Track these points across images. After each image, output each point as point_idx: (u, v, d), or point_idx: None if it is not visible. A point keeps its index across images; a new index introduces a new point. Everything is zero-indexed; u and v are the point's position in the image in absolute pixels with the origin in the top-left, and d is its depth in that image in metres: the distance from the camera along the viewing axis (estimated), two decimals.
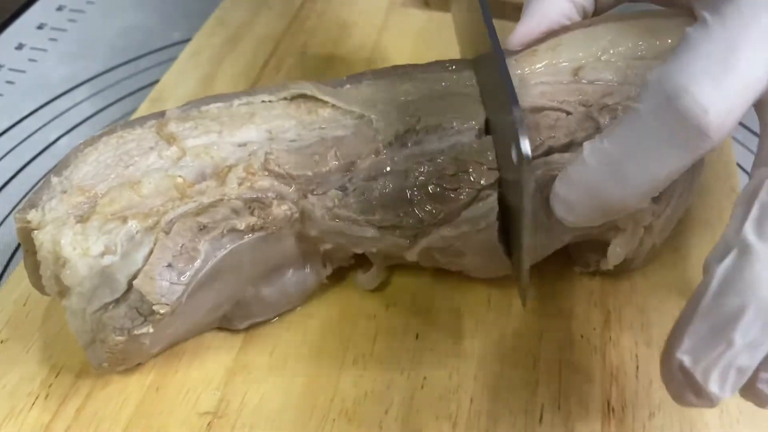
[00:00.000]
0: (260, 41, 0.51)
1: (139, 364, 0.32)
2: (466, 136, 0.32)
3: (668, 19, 0.33)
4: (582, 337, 0.34)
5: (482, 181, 0.30)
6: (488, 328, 0.34)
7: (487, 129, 0.32)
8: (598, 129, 0.31)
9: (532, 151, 0.29)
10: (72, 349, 0.33)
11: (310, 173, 0.31)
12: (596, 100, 0.32)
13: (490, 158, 0.30)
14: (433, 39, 0.51)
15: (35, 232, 0.28)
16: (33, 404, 0.31)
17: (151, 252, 0.28)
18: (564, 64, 0.33)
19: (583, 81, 0.32)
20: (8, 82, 0.52)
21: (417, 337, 0.34)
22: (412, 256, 0.32)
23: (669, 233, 0.35)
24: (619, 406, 0.31)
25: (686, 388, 0.24)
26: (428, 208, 0.31)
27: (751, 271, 0.23)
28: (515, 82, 0.33)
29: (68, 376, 0.32)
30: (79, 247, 0.28)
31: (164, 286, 0.27)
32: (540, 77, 0.33)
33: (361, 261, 0.35)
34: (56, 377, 0.32)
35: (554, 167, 0.30)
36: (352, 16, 0.53)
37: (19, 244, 0.41)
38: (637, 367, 0.32)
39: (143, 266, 0.27)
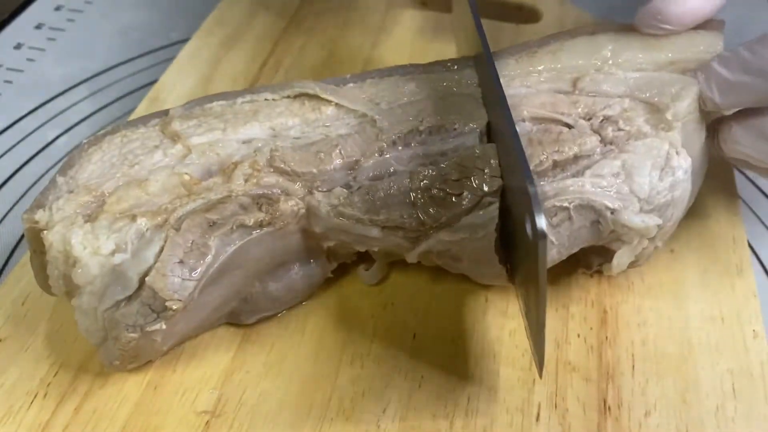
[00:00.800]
0: (258, 41, 0.51)
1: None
2: (468, 139, 0.32)
3: (677, 35, 0.34)
4: (579, 336, 0.34)
5: (485, 188, 0.30)
6: (485, 328, 0.34)
7: (489, 133, 0.33)
8: (602, 142, 0.31)
9: (537, 166, 0.31)
10: (70, 348, 0.33)
11: (314, 170, 0.31)
12: (596, 112, 0.32)
13: (494, 166, 0.31)
14: (430, 39, 0.51)
15: (45, 232, 0.29)
16: (32, 403, 0.32)
17: (161, 249, 0.28)
18: (563, 71, 0.34)
19: (583, 92, 0.33)
20: (6, 81, 0.52)
21: (414, 336, 0.34)
22: (412, 257, 0.32)
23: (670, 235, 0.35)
24: (615, 405, 0.31)
25: None
26: (431, 211, 0.31)
27: None
28: (515, 86, 0.33)
29: (67, 374, 0.32)
30: (89, 246, 0.28)
31: (176, 282, 0.28)
32: (540, 85, 0.33)
33: (364, 257, 0.35)
34: (54, 376, 0.32)
35: (568, 195, 0.30)
36: (350, 16, 0.53)
37: (17, 244, 0.42)
38: (633, 366, 0.33)
39: (155, 263, 0.28)
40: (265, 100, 0.34)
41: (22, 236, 0.42)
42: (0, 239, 0.42)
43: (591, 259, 0.35)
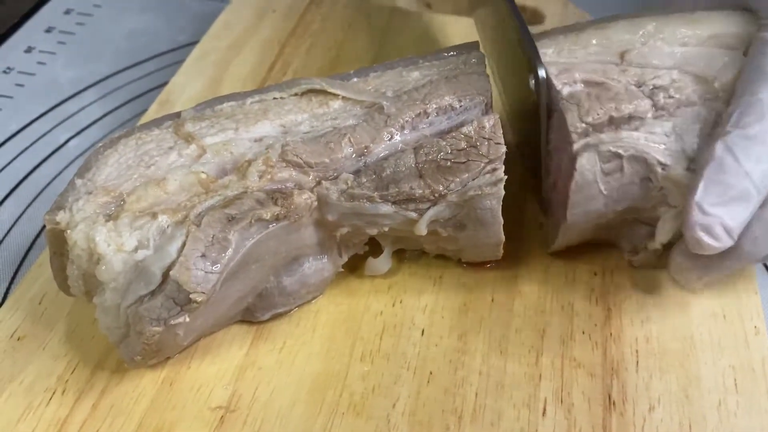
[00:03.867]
0: (266, 44, 0.52)
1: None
2: (473, 113, 0.34)
3: (710, 11, 0.36)
4: (584, 333, 0.35)
5: (490, 155, 0.32)
6: (492, 324, 0.35)
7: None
8: (654, 107, 0.33)
9: (594, 120, 0.32)
10: (87, 346, 0.34)
11: (327, 160, 0.32)
12: (646, 81, 0.33)
13: (498, 134, 0.32)
14: (435, 41, 0.52)
15: (68, 231, 0.30)
16: (50, 399, 0.32)
17: (184, 244, 0.29)
18: (610, 45, 0.35)
19: (632, 64, 0.34)
20: (18, 84, 0.53)
21: (423, 333, 0.35)
22: (421, 227, 0.33)
23: None
24: (620, 400, 0.32)
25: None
26: (439, 177, 0.32)
27: None
28: (564, 55, 0.35)
29: (84, 372, 0.33)
30: (113, 243, 0.29)
31: (200, 275, 0.29)
32: (589, 56, 0.35)
33: (373, 250, 0.36)
34: (72, 373, 0.33)
35: (623, 144, 0.32)
36: (356, 19, 0.54)
37: (32, 244, 0.43)
38: (638, 362, 0.33)
39: (178, 258, 0.29)
40: (274, 98, 0.35)
41: (37, 237, 0.43)
42: (15, 240, 0.43)
43: (635, 237, 0.36)
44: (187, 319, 0.29)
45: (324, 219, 0.32)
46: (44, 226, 0.42)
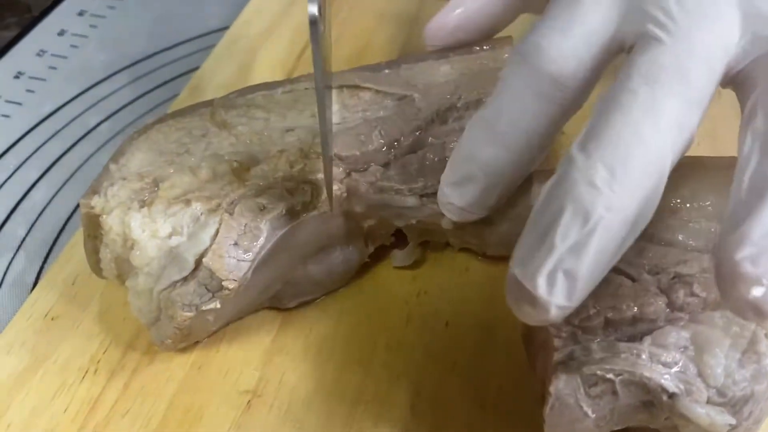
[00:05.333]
0: (295, 31, 0.52)
1: None
2: None
3: None
4: None
5: None
6: (517, 318, 0.35)
7: None
8: (669, 305, 0.26)
9: (584, 321, 0.26)
10: (119, 327, 0.35)
11: (357, 153, 0.32)
12: (667, 267, 0.26)
13: None
14: None
15: (104, 216, 0.30)
16: (83, 378, 0.33)
17: (217, 232, 0.29)
18: None
19: (654, 239, 0.27)
20: (51, 67, 0.54)
21: (447, 324, 0.35)
22: (447, 222, 0.33)
23: None
24: None
25: (521, 299, 0.24)
26: None
27: (569, 178, 0.24)
28: None
29: (115, 352, 0.34)
30: (147, 230, 0.29)
31: (232, 263, 0.29)
32: None
33: (398, 241, 0.37)
34: (104, 353, 0.34)
35: (615, 366, 0.25)
36: (386, 8, 0.54)
37: (64, 225, 0.43)
38: None
39: (211, 245, 0.29)
40: (305, 89, 0.35)
41: (69, 218, 0.44)
42: (48, 221, 0.44)
43: None
44: (219, 306, 0.30)
45: (352, 210, 0.33)
46: (76, 207, 0.43)
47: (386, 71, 0.36)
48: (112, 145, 0.48)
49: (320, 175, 0.32)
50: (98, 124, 0.50)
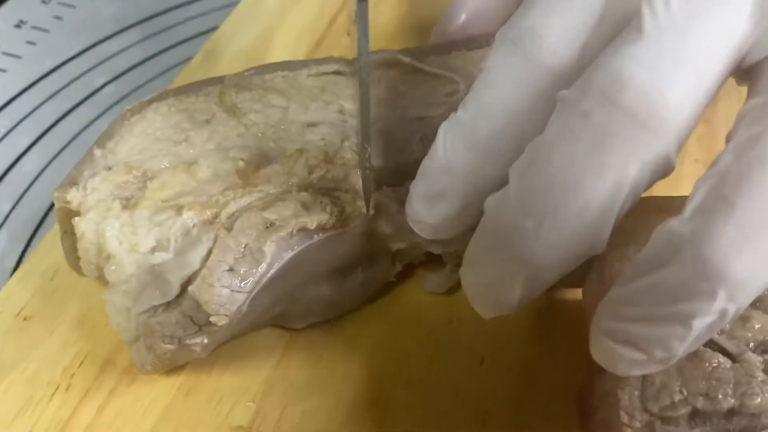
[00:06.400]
0: None
1: None
2: None
3: None
4: None
5: None
6: (562, 359, 0.30)
7: None
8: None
9: (666, 410, 0.20)
10: (99, 336, 0.30)
11: (393, 164, 0.26)
12: None
13: None
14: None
15: (76, 219, 0.25)
16: (53, 395, 0.29)
17: (209, 252, 0.24)
18: None
19: (762, 305, 0.22)
20: (56, 17, 0.48)
21: (482, 362, 0.30)
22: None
23: None
24: None
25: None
26: None
27: (499, 209, 0.22)
28: None
29: (93, 366, 0.29)
30: (126, 242, 0.24)
31: (224, 294, 0.24)
32: None
33: (431, 258, 0.31)
34: (80, 367, 0.29)
35: None
36: None
37: (52, 204, 0.38)
38: None
39: (200, 269, 0.24)
40: (334, 73, 0.29)
41: None
42: (37, 194, 0.39)
43: None
44: (206, 341, 0.24)
45: (379, 231, 0.27)
46: None
47: (431, 58, 0.30)
48: (116, 111, 0.43)
49: (345, 187, 0.26)
50: (103, 86, 0.45)
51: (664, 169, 0.21)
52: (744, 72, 0.21)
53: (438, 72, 0.29)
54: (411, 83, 0.29)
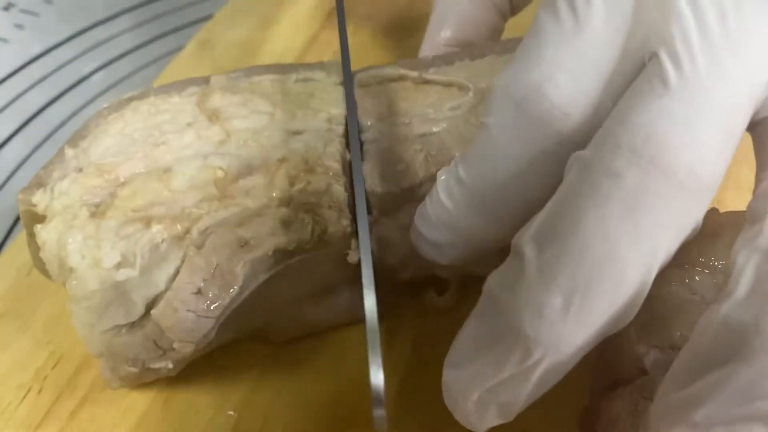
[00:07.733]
0: None
1: None
2: None
3: None
4: None
5: None
6: (567, 377, 0.28)
7: None
8: None
9: None
10: (74, 337, 0.28)
11: (396, 190, 0.24)
12: None
13: None
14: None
15: (38, 227, 0.23)
16: (23, 398, 0.27)
17: (177, 271, 0.22)
18: None
19: None
20: (46, 0, 0.47)
21: None
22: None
23: None
24: None
25: (455, 408, 0.21)
26: None
27: (513, 291, 0.19)
28: None
29: (66, 368, 0.28)
30: (89, 256, 0.22)
31: (189, 319, 0.22)
32: None
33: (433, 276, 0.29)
34: (53, 368, 0.28)
35: None
36: None
37: None
38: None
39: (165, 291, 0.22)
40: (325, 79, 0.28)
41: None
42: (19, 185, 0.37)
43: None
44: (170, 366, 0.23)
45: (384, 262, 0.25)
46: None
47: (432, 70, 0.28)
48: (104, 100, 0.41)
49: (328, 203, 0.24)
50: (91, 73, 0.43)
51: (693, 231, 0.19)
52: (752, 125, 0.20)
53: (453, 81, 0.27)
54: (411, 98, 0.27)
